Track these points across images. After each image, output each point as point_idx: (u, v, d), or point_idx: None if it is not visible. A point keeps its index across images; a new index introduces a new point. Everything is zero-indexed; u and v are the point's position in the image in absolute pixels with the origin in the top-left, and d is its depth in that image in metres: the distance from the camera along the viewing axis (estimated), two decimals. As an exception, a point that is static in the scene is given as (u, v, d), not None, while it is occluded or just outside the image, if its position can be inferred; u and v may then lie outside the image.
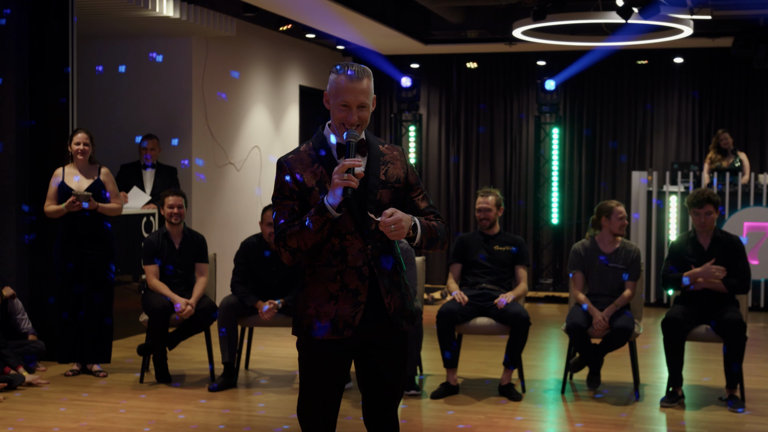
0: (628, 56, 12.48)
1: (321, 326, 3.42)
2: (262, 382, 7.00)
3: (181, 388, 6.73)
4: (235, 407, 6.27)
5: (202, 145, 9.98)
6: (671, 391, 6.37)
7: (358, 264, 3.43)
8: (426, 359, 7.27)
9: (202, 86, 9.93)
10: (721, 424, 5.90)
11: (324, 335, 3.43)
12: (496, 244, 6.84)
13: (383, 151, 3.55)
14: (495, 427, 5.77)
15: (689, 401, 6.45)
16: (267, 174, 11.26)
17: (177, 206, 6.99)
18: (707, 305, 6.40)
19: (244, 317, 6.83)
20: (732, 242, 6.48)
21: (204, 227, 9.55)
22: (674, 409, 6.25)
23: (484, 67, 13.12)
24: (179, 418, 5.91)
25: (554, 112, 12.15)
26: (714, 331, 6.37)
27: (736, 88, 12.50)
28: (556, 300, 11.64)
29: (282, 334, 8.41)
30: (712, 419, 6.01)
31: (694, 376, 7.15)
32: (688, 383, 6.88)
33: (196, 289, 6.91)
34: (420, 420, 6.00)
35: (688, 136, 12.70)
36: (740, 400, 6.32)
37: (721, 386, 6.65)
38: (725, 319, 6.27)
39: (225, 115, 10.42)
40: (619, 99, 12.82)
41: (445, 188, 13.41)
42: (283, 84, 11.72)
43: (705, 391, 6.76)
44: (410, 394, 6.54)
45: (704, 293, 6.42)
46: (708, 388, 6.85)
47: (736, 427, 5.85)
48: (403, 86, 12.20)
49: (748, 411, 6.22)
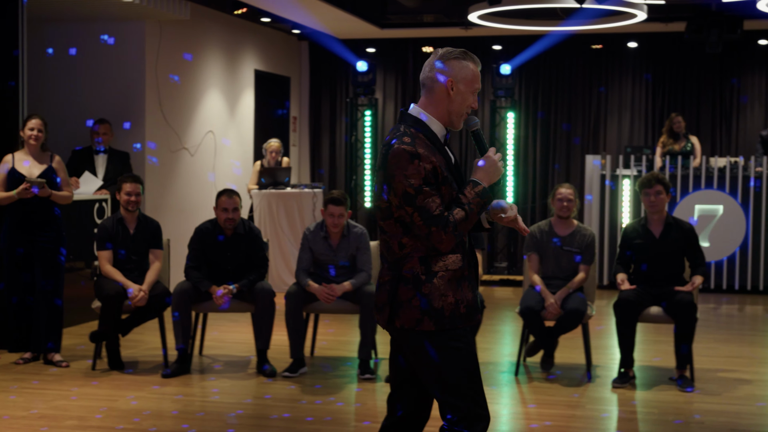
0: (582, 41, 12.55)
1: (462, 314, 3.32)
2: (217, 368, 6.96)
3: (134, 375, 6.67)
4: (188, 393, 6.23)
5: (155, 129, 9.88)
6: (623, 372, 6.43)
7: (466, 248, 3.38)
8: (381, 343, 7.27)
9: (156, 70, 9.82)
10: (671, 403, 5.97)
11: (467, 323, 3.33)
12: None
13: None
14: (449, 409, 5.78)
15: (640, 381, 6.51)
16: (221, 159, 11.18)
17: (135, 193, 6.92)
18: (659, 286, 6.46)
19: (198, 303, 6.78)
20: (685, 231, 6.54)
21: (158, 212, 9.46)
22: (625, 389, 6.31)
23: (440, 51, 13.11)
24: (132, 404, 5.86)
25: (509, 96, 12.19)
26: (665, 313, 6.43)
27: (688, 72, 12.62)
28: (510, 283, 11.69)
29: (236, 319, 8.37)
30: (663, 399, 6.08)
31: (645, 357, 7.22)
32: (640, 364, 6.95)
33: (149, 275, 6.85)
34: (375, 403, 6.00)
35: (641, 120, 12.81)
36: (690, 380, 6.40)
37: (672, 366, 6.72)
38: (676, 300, 6.33)
39: (179, 100, 10.32)
40: (573, 83, 12.89)
41: (401, 172, 13.38)
42: (237, 68, 11.63)
43: (656, 372, 6.83)
44: (365, 377, 6.54)
45: (656, 275, 6.48)
46: (659, 369, 6.92)
47: (686, 406, 5.92)
48: (359, 70, 12.15)
49: (698, 390, 6.29)
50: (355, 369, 6.79)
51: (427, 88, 3.40)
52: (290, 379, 6.55)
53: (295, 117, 13.43)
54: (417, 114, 3.40)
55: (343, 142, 13.44)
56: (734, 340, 8.12)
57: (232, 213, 6.78)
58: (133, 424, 5.43)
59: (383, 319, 3.37)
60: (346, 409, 5.85)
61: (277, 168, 10.63)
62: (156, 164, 9.85)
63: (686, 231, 6.55)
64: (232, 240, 6.84)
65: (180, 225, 9.92)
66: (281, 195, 10.43)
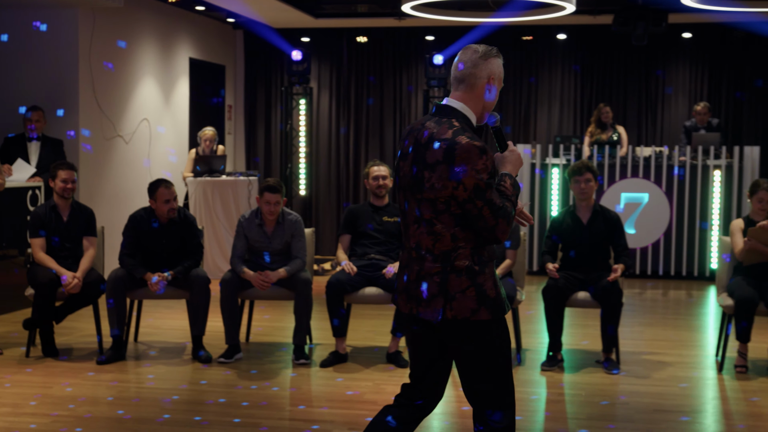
0: (513, 32, 12.66)
1: (505, 302, 3.39)
2: (152, 354, 6.92)
3: (68, 362, 6.60)
4: (123, 379, 6.19)
5: (89, 116, 9.75)
6: (551, 356, 6.55)
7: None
8: (316, 329, 7.30)
9: (89, 57, 9.69)
10: (598, 385, 6.10)
11: (507, 311, 3.41)
12: (385, 215, 6.88)
13: None
14: (382, 393, 5.84)
15: (568, 364, 6.63)
16: (156, 146, 11.08)
17: (70, 180, 6.84)
18: (586, 272, 6.58)
19: (133, 290, 6.73)
20: (611, 219, 6.66)
21: (92, 200, 9.35)
22: (554, 372, 6.42)
23: (374, 41, 13.15)
24: (67, 391, 5.81)
25: (442, 85, 12.25)
26: (592, 297, 6.55)
27: (615, 63, 12.82)
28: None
29: (172, 306, 8.32)
30: (590, 381, 6.20)
31: (573, 341, 7.36)
32: (568, 347, 7.08)
33: (83, 262, 6.78)
34: (309, 388, 6.03)
35: (570, 110, 12.99)
36: (615, 363, 6.54)
37: (598, 350, 6.86)
38: (602, 285, 6.46)
39: (113, 87, 10.19)
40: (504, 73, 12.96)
41: (335, 160, 13.41)
42: (172, 56, 11.52)
43: (583, 355, 6.96)
44: (300, 363, 6.56)
45: (583, 261, 6.61)
46: (586, 352, 7.06)
47: (611, 387, 6.06)
48: (293, 59, 12.11)
49: (623, 372, 6.43)
50: (290, 354, 6.81)
51: (468, 84, 3.46)
52: (226, 365, 6.55)
53: (231, 105, 13.34)
54: (462, 110, 3.43)
55: (278, 131, 13.40)
56: (658, 324, 8.30)
57: (173, 202, 6.76)
58: (68, 410, 5.39)
59: (432, 311, 3.32)
60: (281, 393, 5.87)
61: (212, 156, 10.57)
62: (90, 152, 9.72)
63: (612, 219, 6.67)
64: (167, 227, 6.80)
65: (114, 212, 9.82)
66: (216, 183, 10.38)
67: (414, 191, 3.36)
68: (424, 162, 3.32)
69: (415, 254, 3.39)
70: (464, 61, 3.48)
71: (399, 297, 3.48)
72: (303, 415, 5.39)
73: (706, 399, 5.91)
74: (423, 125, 3.41)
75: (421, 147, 3.35)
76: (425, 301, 3.34)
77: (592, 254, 6.64)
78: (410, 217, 3.41)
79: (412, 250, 3.41)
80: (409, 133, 3.47)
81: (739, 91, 12.57)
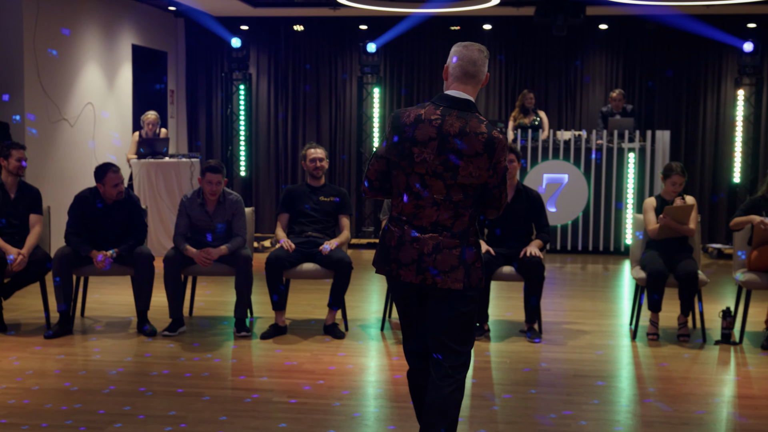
0: (442, 22, 12.67)
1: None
2: (98, 329, 6.82)
3: (16, 336, 6.48)
4: (71, 353, 6.09)
5: (35, 101, 9.54)
6: (478, 326, 6.60)
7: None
8: (256, 303, 7.26)
9: (34, 44, 9.46)
10: (521, 353, 6.16)
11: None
12: (322, 195, 6.86)
13: None
14: (320, 362, 5.84)
15: (494, 334, 6.69)
16: (101, 130, 10.88)
17: (22, 159, 6.76)
18: (511, 248, 6.63)
19: (79, 267, 6.62)
20: (534, 199, 6.70)
21: (38, 181, 9.15)
22: (480, 341, 6.47)
23: (310, 30, 13.05)
24: (15, 365, 5.70)
25: (375, 73, 12.24)
26: (516, 272, 6.61)
27: (537, 53, 12.92)
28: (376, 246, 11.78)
29: (117, 282, 8.20)
30: (513, 349, 6.27)
31: (498, 312, 7.43)
32: (494, 318, 7.15)
33: (29, 239, 6.64)
34: (250, 359, 6.00)
35: (496, 96, 13.06)
36: (537, 332, 6.62)
37: (522, 320, 6.94)
38: (526, 260, 6.51)
39: (58, 73, 9.98)
40: (434, 61, 13.01)
41: (273, 144, 13.32)
42: (115, 43, 11.30)
43: (508, 325, 7.03)
44: (241, 335, 6.52)
45: (508, 237, 6.66)
46: (510, 322, 7.13)
47: (534, 355, 6.13)
48: (233, 47, 11.99)
49: (545, 341, 6.52)
50: (232, 327, 6.77)
51: (477, 80, 3.66)
52: (170, 338, 6.48)
53: (173, 90, 13.15)
54: (474, 102, 3.67)
55: (219, 115, 13.26)
56: (577, 296, 8.42)
57: (121, 186, 6.67)
58: (16, 383, 5.29)
59: (453, 281, 3.54)
60: (223, 364, 5.83)
61: (155, 138, 10.42)
62: (36, 135, 9.51)
63: (534, 197, 6.73)
64: (112, 207, 6.69)
65: (60, 193, 9.62)
66: (160, 164, 10.23)
67: (444, 177, 3.52)
68: (458, 152, 3.51)
69: (431, 231, 3.56)
70: (476, 60, 3.64)
71: (405, 270, 3.60)
72: (244, 384, 5.37)
73: (621, 365, 6.01)
74: (443, 117, 3.56)
75: (450, 137, 3.52)
76: (444, 273, 3.54)
77: (515, 231, 6.69)
78: (427, 200, 3.55)
79: (426, 229, 3.57)
80: (420, 122, 3.56)
81: (651, 80, 12.76)
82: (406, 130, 3.57)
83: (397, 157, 3.58)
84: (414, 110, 3.61)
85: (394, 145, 3.59)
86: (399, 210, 3.63)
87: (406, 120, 3.59)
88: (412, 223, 3.59)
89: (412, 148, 3.54)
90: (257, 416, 4.73)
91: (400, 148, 3.57)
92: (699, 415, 4.85)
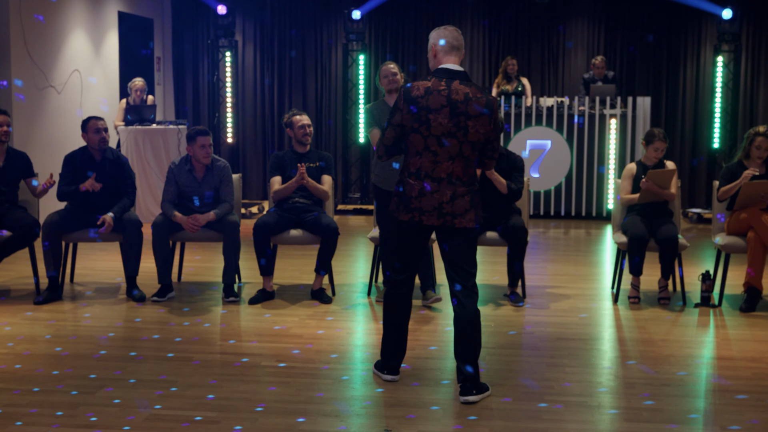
0: (427, -11, 12.57)
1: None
2: (88, 294, 6.78)
3: (6, 302, 6.43)
4: (61, 318, 6.05)
5: (21, 67, 9.41)
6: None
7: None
8: (244, 268, 7.24)
9: (20, 10, 9.31)
10: (506, 317, 6.17)
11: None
12: (307, 161, 6.81)
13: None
14: (307, 327, 5.82)
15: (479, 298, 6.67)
16: (87, 96, 10.77)
17: (6, 124, 6.63)
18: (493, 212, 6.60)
19: (68, 233, 6.56)
20: (515, 160, 6.67)
21: (26, 147, 9.04)
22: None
23: (296, -4, 12.92)
24: (5, 330, 5.66)
25: (360, 40, 12.14)
26: (500, 236, 6.60)
27: (520, 19, 12.84)
28: (363, 212, 11.78)
29: (106, 248, 8.15)
30: (498, 313, 6.28)
31: (483, 276, 7.42)
32: (479, 282, 7.11)
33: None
34: (239, 324, 5.98)
35: (479, 62, 12.99)
36: (521, 296, 6.63)
37: (506, 284, 6.94)
38: (510, 225, 6.50)
39: (44, 39, 9.84)
40: (418, 28, 12.92)
41: (260, 110, 13.23)
42: (101, 9, 11.15)
43: (492, 289, 7.04)
44: (229, 300, 6.50)
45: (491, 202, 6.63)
46: (495, 286, 7.13)
47: (517, 318, 6.14)
48: (219, 14, 11.86)
49: (528, 305, 6.53)
50: (220, 293, 6.74)
51: (461, 52, 4.47)
52: (159, 304, 6.45)
53: (159, 57, 13.01)
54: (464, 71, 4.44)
55: (205, 82, 13.14)
56: (560, 260, 8.44)
57: (104, 133, 6.61)
58: (7, 348, 5.25)
59: (469, 220, 4.38)
60: (212, 329, 5.81)
61: (142, 105, 10.32)
62: (23, 101, 9.39)
63: (515, 159, 6.68)
64: (102, 164, 6.63)
65: (48, 159, 9.52)
66: (147, 131, 10.14)
67: (457, 136, 4.28)
68: (467, 114, 4.28)
69: (447, 183, 4.34)
70: (458, 36, 4.46)
71: (427, 216, 4.37)
72: (233, 349, 5.35)
73: (603, 327, 6.03)
74: (448, 87, 4.29)
75: (460, 104, 4.27)
76: (461, 215, 4.36)
77: (499, 196, 6.66)
78: (444, 155, 4.30)
79: (443, 180, 4.33)
80: (430, 93, 4.27)
81: (632, 46, 12.71)
82: (419, 101, 4.27)
83: (416, 123, 4.29)
84: (422, 84, 4.31)
85: (413, 115, 4.29)
86: (418, 166, 4.34)
87: (417, 93, 4.28)
88: (431, 176, 4.32)
89: (428, 115, 4.27)
90: (246, 380, 4.72)
91: (417, 116, 4.26)
92: (680, 376, 4.87)
